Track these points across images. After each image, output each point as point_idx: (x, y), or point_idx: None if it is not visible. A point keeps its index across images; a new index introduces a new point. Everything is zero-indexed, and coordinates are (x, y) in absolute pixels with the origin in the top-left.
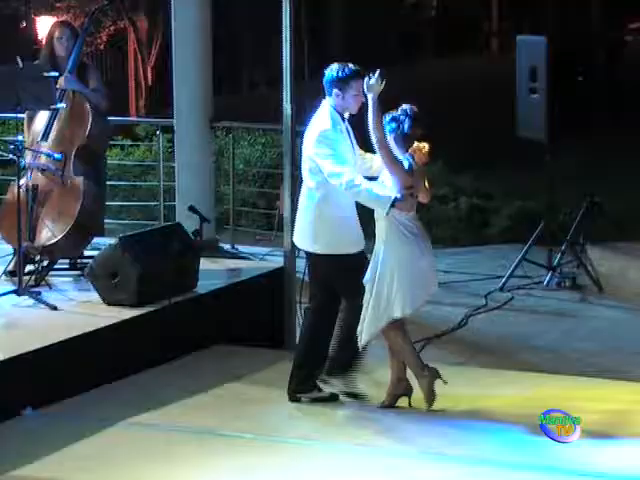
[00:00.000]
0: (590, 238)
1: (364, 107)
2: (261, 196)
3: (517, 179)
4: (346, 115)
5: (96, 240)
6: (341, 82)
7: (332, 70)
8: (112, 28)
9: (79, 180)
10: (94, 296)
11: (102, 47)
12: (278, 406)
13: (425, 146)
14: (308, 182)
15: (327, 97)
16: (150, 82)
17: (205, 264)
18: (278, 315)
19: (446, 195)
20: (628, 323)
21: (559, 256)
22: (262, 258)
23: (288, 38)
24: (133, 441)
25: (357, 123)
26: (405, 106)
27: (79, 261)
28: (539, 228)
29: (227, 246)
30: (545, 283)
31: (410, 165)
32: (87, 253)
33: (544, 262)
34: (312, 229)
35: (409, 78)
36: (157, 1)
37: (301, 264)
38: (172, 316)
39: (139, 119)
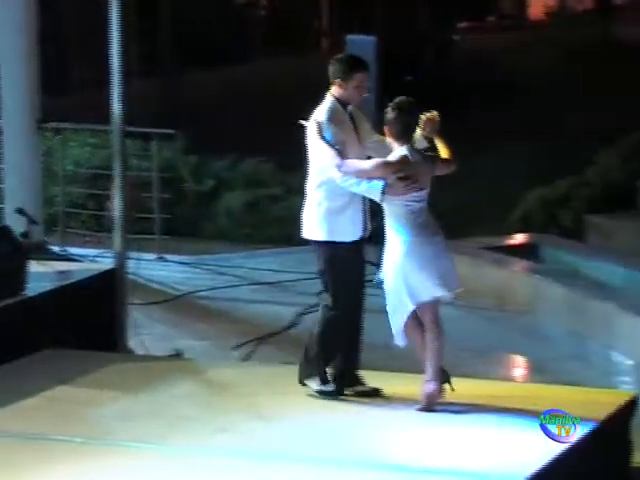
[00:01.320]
0: None
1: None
2: (91, 197)
3: None
4: (350, 107)
5: None
6: (344, 73)
7: (336, 60)
8: None
9: None
10: None
11: None
12: (110, 409)
13: (435, 114)
14: (311, 168)
15: (331, 87)
16: None
17: (34, 267)
18: (109, 317)
19: (278, 194)
20: (456, 319)
21: None
22: (92, 260)
23: (117, 38)
24: None
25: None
26: (398, 98)
27: None
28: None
29: (56, 248)
30: (376, 281)
31: (404, 156)
32: None
33: (375, 260)
34: (312, 216)
35: (240, 78)
36: None
37: (133, 266)
38: (0, 320)
39: None
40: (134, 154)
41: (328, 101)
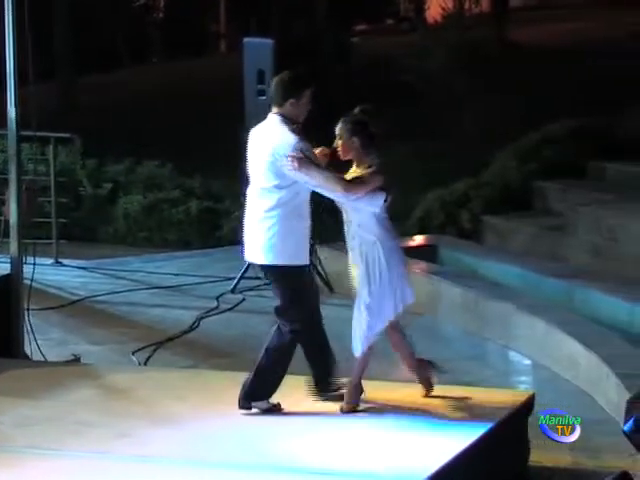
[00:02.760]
0: (319, 238)
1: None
2: None
3: (246, 181)
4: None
5: None
6: (297, 91)
7: (285, 80)
8: None
9: None
10: None
11: None
12: (7, 415)
13: (326, 150)
14: (270, 196)
15: (275, 107)
16: None
17: None
18: (5, 322)
19: (177, 198)
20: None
21: None
22: None
23: (11, 39)
24: None
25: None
26: (361, 107)
27: None
28: None
29: None
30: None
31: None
32: None
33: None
34: (277, 241)
35: (138, 81)
36: None
37: (29, 271)
38: None
39: None
40: (30, 158)
41: (280, 122)
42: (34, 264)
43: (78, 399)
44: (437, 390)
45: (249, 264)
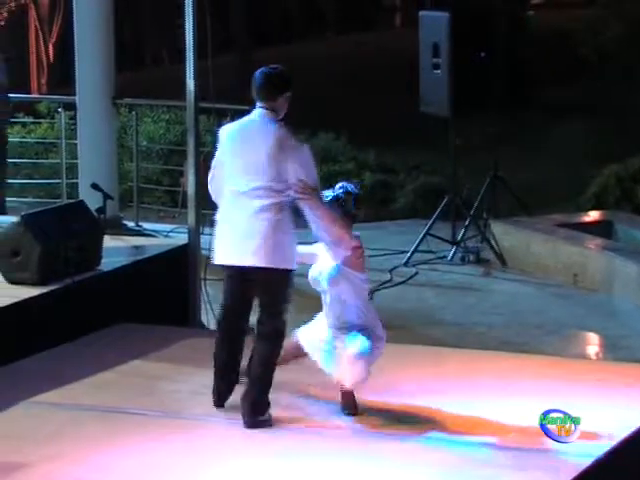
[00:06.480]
0: (493, 213)
1: None
2: (165, 173)
3: (421, 154)
4: None
5: None
6: (290, 85)
7: (282, 71)
8: (13, 4)
9: None
10: None
11: (2, 24)
12: (184, 383)
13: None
14: (266, 198)
15: (264, 101)
16: (52, 59)
17: (109, 242)
18: (183, 292)
19: (350, 170)
20: (530, 296)
21: (463, 231)
22: (166, 235)
23: (191, 13)
24: (38, 420)
25: None
26: (345, 184)
27: None
28: (443, 203)
29: (131, 223)
30: (449, 258)
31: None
32: None
33: (448, 237)
34: (273, 244)
35: (314, 54)
36: None
37: (206, 241)
38: (76, 294)
39: (41, 96)
40: (208, 130)
41: (274, 119)
42: (211, 234)
43: None
44: (612, 367)
45: (424, 237)
